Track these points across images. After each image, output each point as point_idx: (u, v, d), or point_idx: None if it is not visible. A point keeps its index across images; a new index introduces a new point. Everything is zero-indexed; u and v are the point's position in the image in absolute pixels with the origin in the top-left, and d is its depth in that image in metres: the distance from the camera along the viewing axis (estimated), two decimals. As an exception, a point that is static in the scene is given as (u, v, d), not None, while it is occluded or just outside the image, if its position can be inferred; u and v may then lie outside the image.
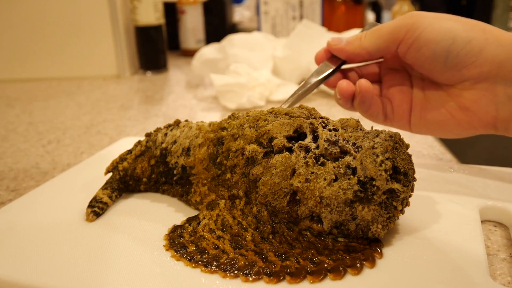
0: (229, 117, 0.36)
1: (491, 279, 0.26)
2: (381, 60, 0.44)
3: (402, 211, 0.30)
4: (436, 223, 0.33)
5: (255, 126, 0.33)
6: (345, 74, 0.44)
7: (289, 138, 0.32)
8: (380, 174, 0.28)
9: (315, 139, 0.31)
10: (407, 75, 0.42)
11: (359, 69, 0.44)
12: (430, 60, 0.36)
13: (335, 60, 0.43)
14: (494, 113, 0.36)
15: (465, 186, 0.38)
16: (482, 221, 0.35)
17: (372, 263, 0.28)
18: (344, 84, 0.41)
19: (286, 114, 0.33)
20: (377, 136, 0.30)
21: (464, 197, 0.36)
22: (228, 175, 0.34)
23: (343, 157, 0.30)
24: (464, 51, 0.35)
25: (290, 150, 0.31)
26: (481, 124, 0.37)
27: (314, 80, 0.42)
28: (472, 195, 0.36)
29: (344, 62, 0.42)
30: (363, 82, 0.39)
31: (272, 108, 0.35)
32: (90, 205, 0.36)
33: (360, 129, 0.32)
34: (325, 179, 0.29)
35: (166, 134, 0.39)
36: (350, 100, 0.41)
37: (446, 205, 0.35)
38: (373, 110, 0.41)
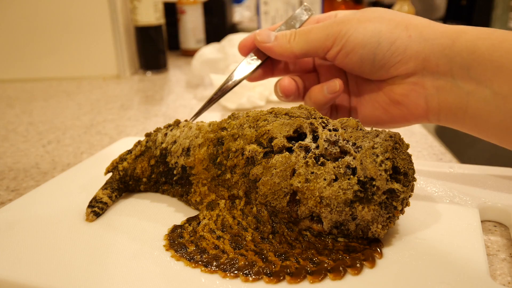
0: (229, 117, 0.36)
1: (491, 279, 0.26)
2: None
3: (402, 211, 0.30)
4: (436, 223, 0.33)
5: (255, 126, 0.33)
6: (273, 64, 0.44)
7: (289, 138, 0.32)
8: (380, 174, 0.28)
9: (315, 139, 0.31)
10: (342, 69, 0.43)
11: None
12: (358, 64, 0.38)
13: (261, 54, 0.42)
14: (424, 106, 0.37)
15: (465, 186, 0.38)
16: (482, 221, 0.35)
17: (372, 263, 0.28)
18: (286, 82, 0.41)
19: (286, 114, 0.34)
20: (377, 136, 0.30)
21: (464, 197, 0.36)
22: (228, 175, 0.34)
23: (343, 157, 0.30)
24: (389, 52, 0.36)
25: (290, 150, 0.31)
26: (413, 116, 0.38)
27: (240, 76, 0.41)
28: (472, 195, 0.36)
29: (268, 58, 0.42)
30: (341, 84, 0.39)
31: (272, 108, 0.35)
32: (90, 205, 0.36)
33: (360, 129, 0.32)
34: (325, 179, 0.29)
35: (166, 134, 0.39)
36: (291, 96, 0.42)
37: (446, 205, 0.35)
38: (327, 109, 0.42)
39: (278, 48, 0.40)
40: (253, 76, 0.43)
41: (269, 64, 0.44)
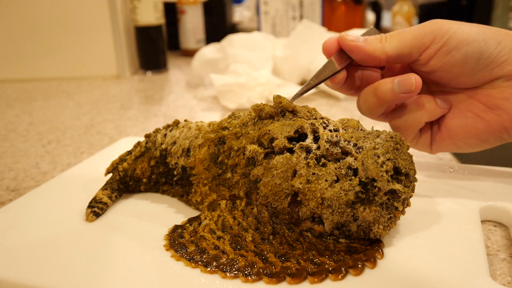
0: (230, 117, 0.36)
1: (491, 279, 0.26)
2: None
3: (403, 212, 0.30)
4: (436, 223, 0.33)
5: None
6: (348, 71, 0.41)
7: (290, 139, 0.32)
8: (382, 175, 0.28)
9: (316, 139, 0.31)
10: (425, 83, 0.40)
11: (361, 68, 0.41)
12: (461, 62, 0.36)
13: (344, 57, 0.39)
14: None
15: (465, 186, 0.38)
16: (482, 221, 0.35)
17: (374, 264, 0.28)
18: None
19: (286, 114, 0.33)
20: (378, 136, 0.30)
21: (464, 197, 0.36)
22: (229, 175, 0.33)
23: (344, 158, 0.30)
24: (496, 50, 0.35)
25: (291, 151, 0.31)
26: None
27: (320, 79, 0.38)
28: (472, 195, 0.36)
29: (351, 62, 0.39)
30: (419, 82, 0.36)
31: (272, 108, 0.35)
32: (90, 206, 0.36)
33: (361, 130, 0.32)
34: (326, 180, 0.29)
35: (165, 135, 0.39)
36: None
37: (446, 205, 0.35)
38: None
39: (369, 47, 0.37)
40: (333, 80, 0.39)
41: (345, 71, 0.39)
